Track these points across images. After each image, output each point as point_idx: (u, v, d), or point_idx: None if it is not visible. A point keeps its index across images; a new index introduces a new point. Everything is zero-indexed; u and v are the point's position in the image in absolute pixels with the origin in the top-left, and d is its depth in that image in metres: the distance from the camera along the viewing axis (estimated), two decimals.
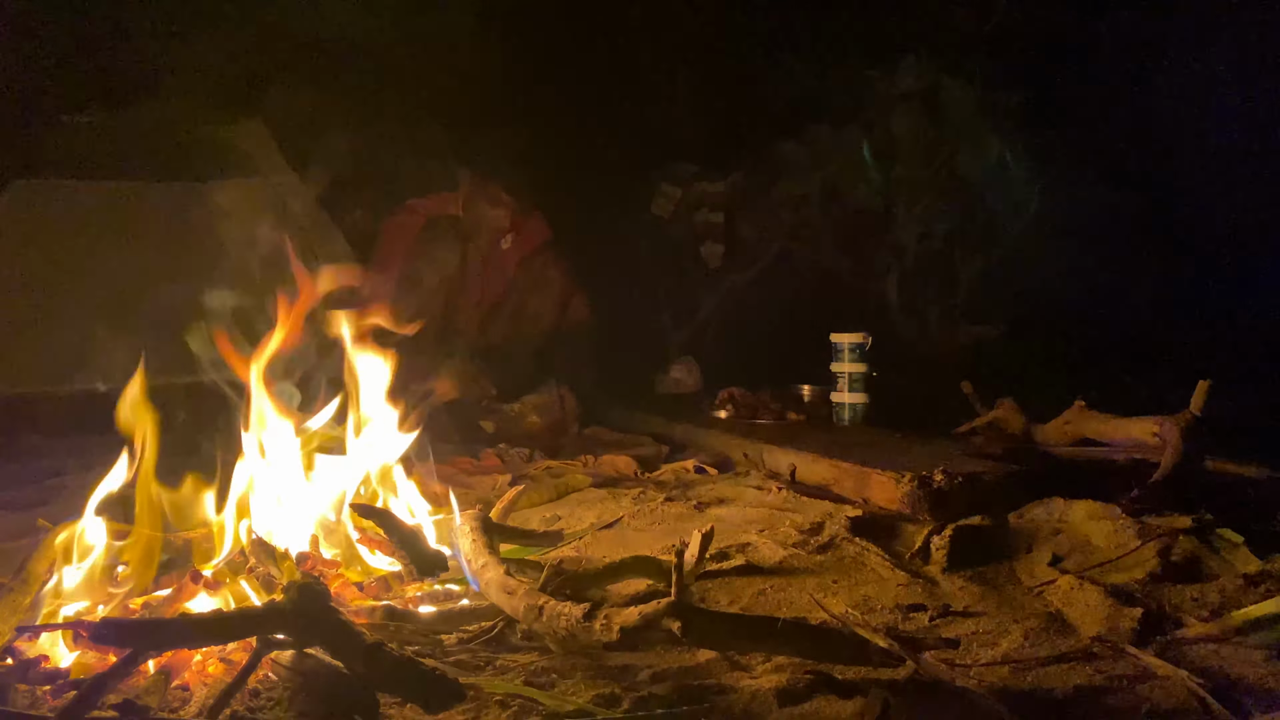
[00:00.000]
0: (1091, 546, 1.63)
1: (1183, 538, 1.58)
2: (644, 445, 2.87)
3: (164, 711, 1.09)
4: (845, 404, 2.85)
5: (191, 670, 1.16)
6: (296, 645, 1.11)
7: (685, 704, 1.10)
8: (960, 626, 1.35)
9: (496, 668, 1.23)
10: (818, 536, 1.76)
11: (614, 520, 1.99)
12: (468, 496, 2.23)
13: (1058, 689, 1.14)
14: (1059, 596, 1.43)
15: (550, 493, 2.28)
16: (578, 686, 1.16)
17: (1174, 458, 1.86)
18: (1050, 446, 2.32)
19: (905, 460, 2.06)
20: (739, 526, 1.86)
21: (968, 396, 2.69)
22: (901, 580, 1.54)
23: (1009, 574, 1.58)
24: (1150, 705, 1.08)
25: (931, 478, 1.85)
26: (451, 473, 2.48)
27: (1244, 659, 1.19)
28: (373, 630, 1.28)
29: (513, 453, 2.77)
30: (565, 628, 1.18)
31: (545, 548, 1.79)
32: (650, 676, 1.19)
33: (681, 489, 2.29)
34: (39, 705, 1.09)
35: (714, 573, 1.59)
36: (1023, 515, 1.81)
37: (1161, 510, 1.71)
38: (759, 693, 1.11)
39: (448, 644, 1.33)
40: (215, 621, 1.15)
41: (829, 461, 2.18)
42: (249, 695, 1.10)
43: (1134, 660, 1.19)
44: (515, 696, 1.12)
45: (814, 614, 1.41)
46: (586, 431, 3.17)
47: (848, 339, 2.84)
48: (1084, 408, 2.31)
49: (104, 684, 1.02)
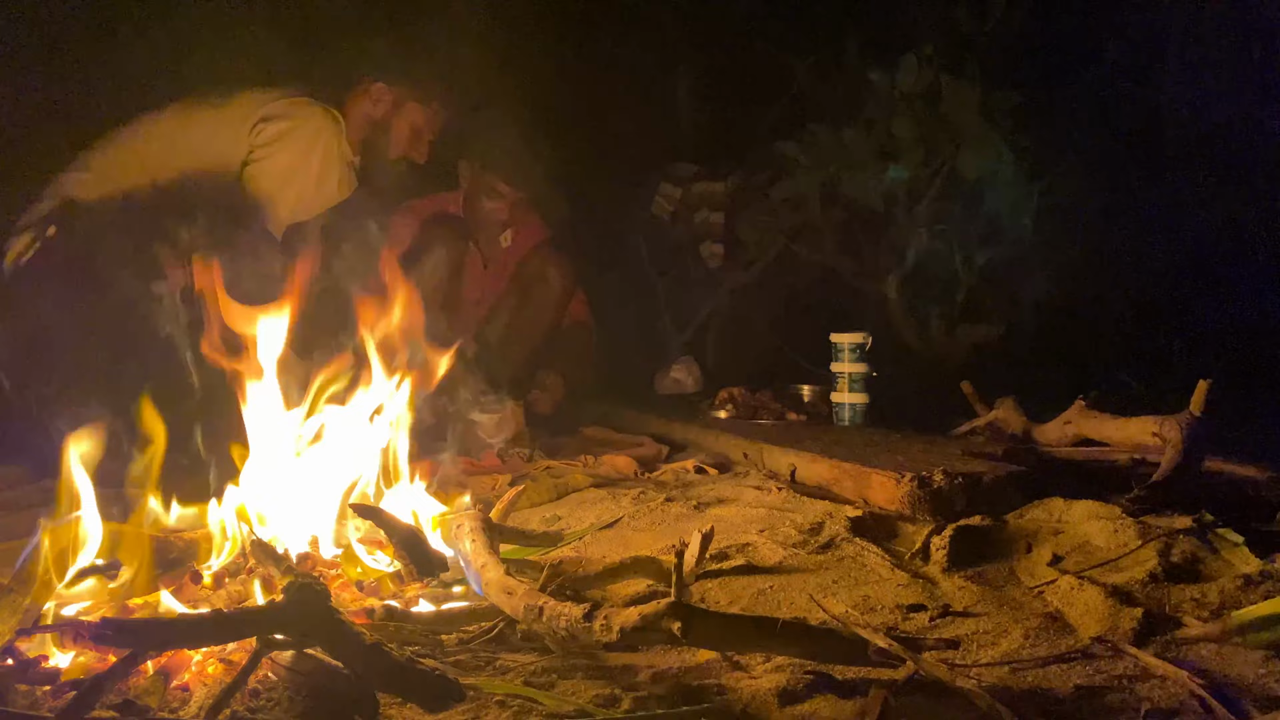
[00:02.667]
0: (1091, 546, 1.63)
1: (1183, 538, 1.57)
2: (644, 445, 2.87)
3: (164, 711, 1.09)
4: (845, 404, 2.85)
5: (191, 670, 1.16)
6: (296, 645, 1.11)
7: (685, 704, 1.10)
8: (960, 626, 1.35)
9: (496, 668, 1.23)
10: (818, 536, 1.76)
11: (614, 520, 1.99)
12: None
13: (1058, 689, 1.14)
14: (1059, 596, 1.43)
15: (550, 493, 2.28)
16: (578, 686, 1.16)
17: (1174, 458, 1.86)
18: (1050, 446, 2.33)
19: (905, 460, 2.06)
20: (739, 526, 1.86)
21: (968, 396, 2.70)
22: (901, 580, 1.54)
23: (1009, 574, 1.58)
24: (1150, 705, 1.08)
25: (931, 478, 1.85)
26: (451, 473, 2.48)
27: (1244, 659, 1.19)
28: (373, 630, 1.28)
29: (513, 453, 2.77)
30: (565, 628, 1.18)
31: (545, 548, 1.79)
32: (650, 676, 1.19)
33: (681, 489, 2.29)
34: (39, 705, 1.09)
35: (714, 573, 1.59)
36: (1023, 515, 1.81)
37: (1161, 510, 1.70)
38: (759, 693, 1.11)
39: (448, 644, 1.33)
40: (215, 621, 1.15)
41: (829, 461, 2.18)
42: (249, 695, 1.10)
43: (1134, 660, 1.19)
44: (515, 696, 1.12)
45: (814, 614, 1.41)
46: (586, 431, 3.17)
47: (848, 339, 2.84)
48: (1084, 408, 2.31)
49: (104, 684, 1.02)
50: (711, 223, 4.38)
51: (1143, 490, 1.77)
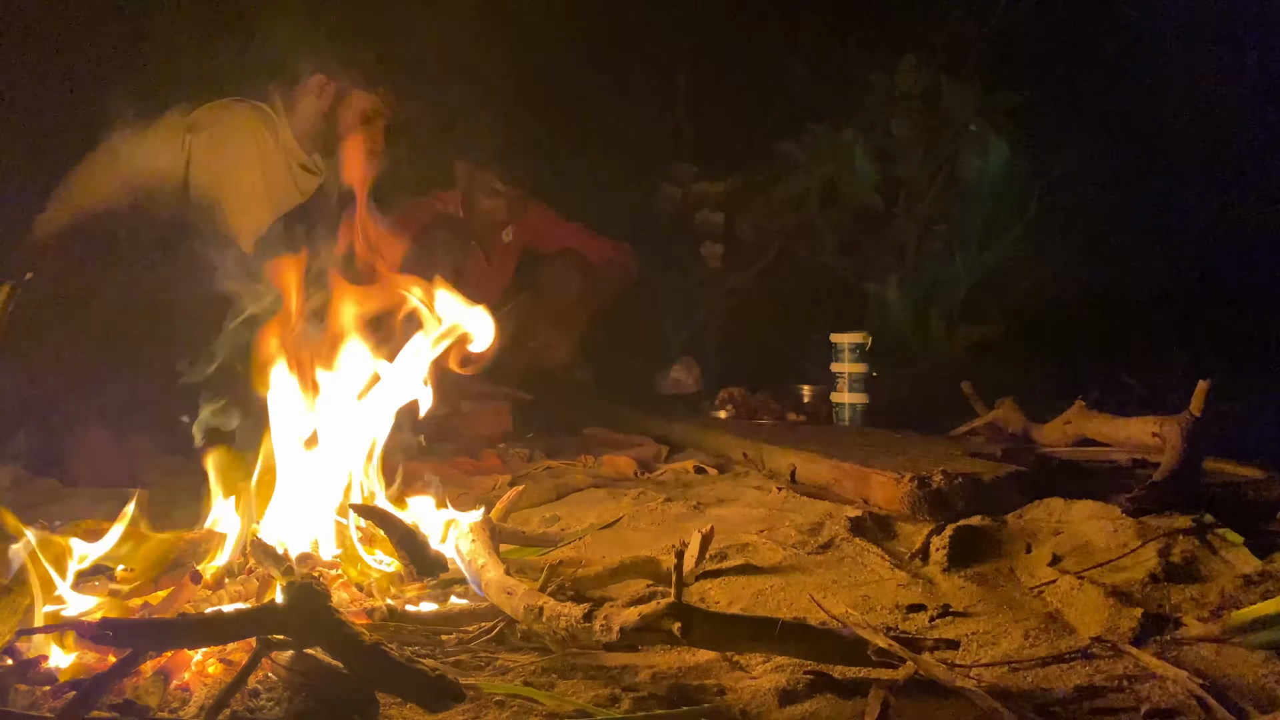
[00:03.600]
0: (1091, 546, 1.63)
1: (1183, 538, 1.57)
2: (644, 445, 2.87)
3: (164, 711, 1.09)
4: (845, 404, 2.85)
5: (191, 670, 1.16)
6: (296, 645, 1.11)
7: (685, 704, 1.10)
8: (960, 626, 1.35)
9: (496, 668, 1.23)
10: (817, 537, 1.76)
11: (614, 520, 1.99)
12: (467, 497, 2.24)
13: (1057, 689, 1.14)
14: (1059, 596, 1.43)
15: (550, 493, 2.28)
16: (578, 686, 1.16)
17: (1174, 458, 1.86)
18: (1050, 446, 2.33)
19: (905, 460, 2.06)
20: (739, 526, 1.86)
21: (968, 396, 2.70)
22: (901, 580, 1.54)
23: (1009, 574, 1.58)
24: (1150, 705, 1.08)
25: (931, 478, 1.85)
26: (451, 473, 2.48)
27: (1244, 659, 1.19)
28: (373, 630, 1.28)
29: (513, 453, 2.77)
30: (565, 628, 1.18)
31: (545, 548, 1.79)
32: (650, 677, 1.19)
33: (681, 489, 2.29)
34: (39, 705, 1.09)
35: (714, 573, 1.59)
36: (1023, 515, 1.80)
37: (1161, 510, 1.70)
38: (759, 693, 1.11)
39: (448, 644, 1.33)
40: (215, 621, 1.15)
41: (829, 461, 2.18)
42: (249, 695, 1.10)
43: (1134, 660, 1.19)
44: (515, 696, 1.12)
45: (814, 614, 1.41)
46: (587, 431, 3.17)
47: (848, 339, 2.84)
48: (1084, 408, 2.31)
49: (104, 684, 1.02)
50: (711, 223, 4.37)
51: (1143, 490, 1.76)
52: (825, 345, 2.90)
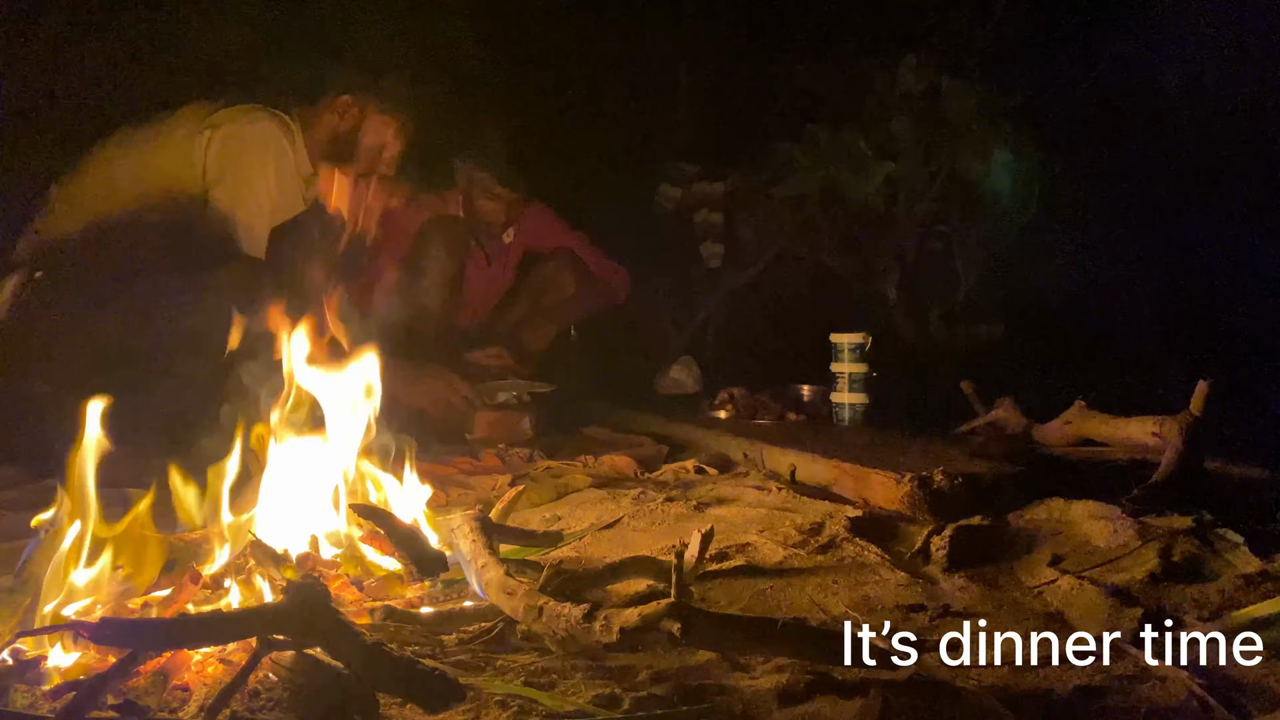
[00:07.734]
0: (1091, 546, 1.63)
1: (1183, 538, 1.58)
2: (644, 445, 2.87)
3: (164, 711, 1.09)
4: (845, 404, 2.85)
5: (191, 670, 1.16)
6: (296, 645, 1.11)
7: (685, 704, 1.10)
8: (960, 626, 1.35)
9: (496, 668, 1.23)
10: (818, 537, 1.76)
11: (614, 520, 1.98)
12: (468, 497, 2.24)
13: (1058, 689, 1.14)
14: (1059, 596, 1.43)
15: (550, 493, 2.28)
16: (578, 686, 1.16)
17: (1174, 458, 1.86)
18: (1050, 446, 2.33)
19: (905, 460, 2.06)
20: (739, 526, 1.86)
21: (968, 396, 2.70)
22: (901, 580, 1.54)
23: (1009, 574, 1.58)
24: (1150, 705, 1.08)
25: (931, 478, 1.85)
26: (451, 473, 2.48)
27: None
28: (373, 630, 1.28)
29: (513, 453, 2.77)
30: (565, 628, 1.18)
31: (545, 548, 1.79)
32: (650, 677, 1.19)
33: (681, 489, 2.29)
34: (39, 705, 1.09)
35: (714, 573, 1.59)
36: (1023, 515, 1.81)
37: (1161, 510, 1.71)
38: (759, 693, 1.11)
39: (448, 644, 1.33)
40: (215, 621, 1.15)
41: (829, 461, 2.18)
42: (249, 695, 1.10)
43: (1134, 660, 1.19)
44: (515, 696, 1.12)
45: (814, 614, 1.41)
46: (586, 431, 3.17)
47: (848, 339, 2.84)
48: (1084, 408, 2.31)
49: (104, 684, 1.02)
50: (711, 223, 4.37)
51: (1143, 490, 1.77)
52: (825, 345, 2.90)
